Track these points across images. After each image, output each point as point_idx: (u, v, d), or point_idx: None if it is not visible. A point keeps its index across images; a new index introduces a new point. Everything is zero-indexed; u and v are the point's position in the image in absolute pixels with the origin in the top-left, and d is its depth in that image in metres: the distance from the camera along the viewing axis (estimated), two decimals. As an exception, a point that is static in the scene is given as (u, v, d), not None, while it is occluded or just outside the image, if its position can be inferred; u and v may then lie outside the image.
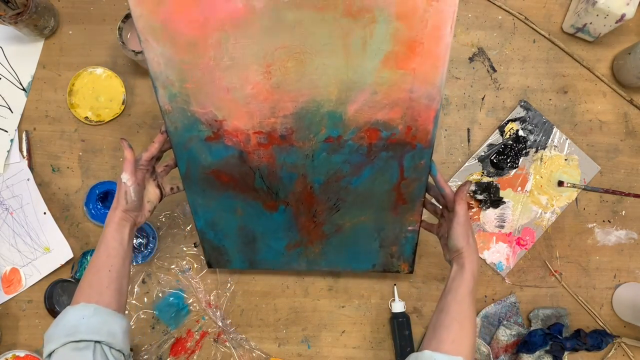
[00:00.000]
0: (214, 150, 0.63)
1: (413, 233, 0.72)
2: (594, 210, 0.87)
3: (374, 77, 0.54)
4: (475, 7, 0.89)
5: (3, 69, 0.86)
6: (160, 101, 0.59)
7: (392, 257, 0.76)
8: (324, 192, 0.67)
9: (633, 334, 0.86)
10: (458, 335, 0.57)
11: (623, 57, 0.86)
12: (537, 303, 0.86)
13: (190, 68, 0.56)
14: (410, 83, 0.54)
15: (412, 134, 0.59)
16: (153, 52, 0.55)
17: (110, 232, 0.62)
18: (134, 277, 0.84)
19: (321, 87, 0.56)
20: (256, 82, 0.56)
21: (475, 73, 0.88)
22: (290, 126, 0.60)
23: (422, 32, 0.51)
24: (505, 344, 0.83)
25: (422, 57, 0.52)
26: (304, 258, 0.76)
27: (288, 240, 0.74)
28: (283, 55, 0.54)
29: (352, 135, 0.60)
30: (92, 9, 0.87)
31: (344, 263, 0.77)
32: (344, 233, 0.72)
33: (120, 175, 0.62)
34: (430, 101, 0.56)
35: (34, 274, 0.84)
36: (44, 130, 0.86)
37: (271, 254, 0.76)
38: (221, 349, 0.84)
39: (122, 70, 0.86)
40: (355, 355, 0.85)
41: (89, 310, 0.56)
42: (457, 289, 0.60)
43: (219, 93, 0.57)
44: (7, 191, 0.84)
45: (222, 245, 0.76)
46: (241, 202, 0.69)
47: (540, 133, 0.87)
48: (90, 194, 0.84)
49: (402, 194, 0.66)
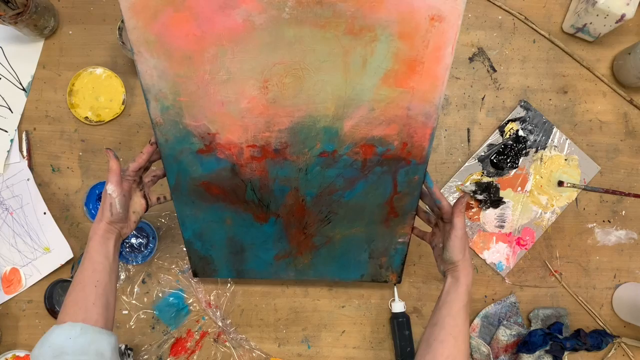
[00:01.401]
0: (206, 162, 0.62)
1: (403, 245, 0.72)
2: (594, 210, 0.87)
3: (373, 94, 0.54)
4: (475, 7, 0.89)
5: (3, 69, 0.86)
6: (151, 113, 0.57)
7: (380, 267, 0.76)
8: (315, 205, 0.66)
9: (633, 334, 0.86)
10: (453, 350, 0.57)
11: (623, 57, 0.86)
12: (537, 303, 0.86)
13: (184, 82, 0.54)
14: (408, 101, 0.54)
15: (407, 150, 0.59)
16: (146, 64, 0.54)
17: (94, 245, 0.60)
18: (134, 277, 0.84)
19: (318, 104, 0.55)
20: (252, 97, 0.55)
21: (475, 73, 0.88)
22: (284, 140, 0.59)
23: (423, 51, 0.51)
24: (505, 344, 0.83)
25: (421, 76, 0.52)
26: (293, 268, 0.76)
27: (277, 251, 0.73)
28: (281, 70, 0.53)
29: (347, 151, 0.59)
30: (92, 9, 0.87)
31: (332, 273, 0.77)
32: (334, 244, 0.72)
33: (106, 187, 0.61)
34: (427, 119, 0.56)
35: (34, 274, 0.84)
36: (44, 130, 0.86)
37: (259, 264, 0.75)
38: (221, 349, 0.84)
39: (122, 70, 0.86)
40: (355, 355, 0.85)
41: (76, 330, 0.55)
42: (451, 303, 0.59)
43: (213, 107, 0.56)
44: (7, 191, 0.84)
45: (208, 255, 0.75)
46: (231, 213, 0.68)
47: (540, 133, 0.87)
48: (90, 194, 0.84)
49: (394, 207, 0.66)
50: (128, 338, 0.83)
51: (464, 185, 0.86)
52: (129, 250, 0.82)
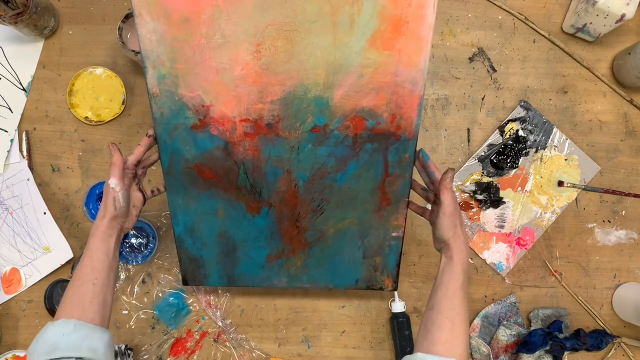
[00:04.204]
0: (199, 140, 0.63)
1: (397, 241, 0.71)
2: (594, 210, 0.87)
3: (361, 57, 0.56)
4: (475, 7, 0.89)
5: (3, 69, 0.86)
6: (149, 83, 0.59)
7: (375, 270, 0.74)
8: (308, 191, 0.66)
9: (633, 334, 0.86)
10: (450, 334, 0.55)
11: (623, 57, 0.86)
12: (537, 303, 0.86)
13: (181, 47, 0.57)
14: (395, 65, 0.57)
15: (396, 123, 0.61)
16: (146, 27, 0.56)
17: (95, 242, 0.60)
18: (134, 277, 0.84)
19: (309, 70, 0.58)
20: (246, 63, 0.57)
21: (475, 73, 0.88)
22: (277, 113, 0.61)
23: (406, 10, 0.54)
24: (505, 344, 0.83)
25: (406, 37, 0.55)
26: (285, 272, 0.74)
27: (270, 250, 0.72)
28: (273, 32, 0.55)
29: (338, 125, 0.61)
30: (92, 9, 0.87)
31: (326, 279, 0.75)
32: (327, 241, 0.71)
33: (108, 181, 0.61)
34: (414, 86, 0.58)
35: (34, 274, 0.84)
36: (44, 130, 0.86)
37: (251, 266, 0.74)
38: (221, 349, 0.84)
39: (122, 70, 0.86)
40: (355, 355, 0.85)
41: (69, 327, 0.55)
42: (447, 284, 0.58)
43: (208, 75, 0.58)
44: (7, 191, 0.84)
45: (200, 255, 0.73)
46: (223, 202, 0.68)
47: (540, 133, 0.87)
48: (90, 194, 0.84)
49: (386, 192, 0.66)
50: (128, 338, 0.84)
51: (464, 185, 0.86)
52: (129, 250, 0.82)
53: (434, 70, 0.88)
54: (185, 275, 0.76)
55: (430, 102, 0.88)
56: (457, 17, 0.89)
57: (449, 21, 0.89)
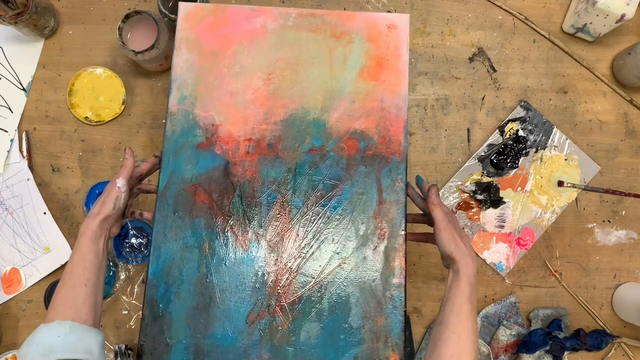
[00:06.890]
0: (202, 159, 0.65)
1: (399, 291, 0.63)
2: (594, 210, 0.87)
3: (352, 86, 0.68)
4: (475, 7, 0.89)
5: (3, 69, 0.86)
6: (170, 102, 0.66)
7: (377, 339, 0.62)
8: (302, 219, 0.64)
9: (633, 334, 0.86)
10: (456, 349, 0.56)
11: (623, 57, 0.86)
12: (537, 303, 0.86)
13: (206, 73, 0.67)
14: (381, 93, 0.68)
15: (386, 144, 0.66)
16: (181, 57, 0.67)
17: (86, 242, 0.60)
18: (134, 277, 0.84)
19: (309, 95, 0.68)
20: (257, 88, 0.68)
21: (475, 73, 0.88)
22: (278, 134, 0.66)
23: (386, 50, 0.68)
24: (505, 344, 0.83)
25: (388, 71, 0.68)
26: (267, 342, 0.63)
27: (252, 305, 0.63)
28: (282, 65, 0.68)
29: (334, 146, 0.66)
30: (92, 9, 0.87)
31: (318, 355, 0.62)
32: (321, 291, 0.64)
33: (115, 180, 0.62)
34: (399, 111, 0.67)
35: (34, 274, 0.84)
36: (44, 130, 0.86)
37: (227, 330, 0.63)
38: (221, 349, 0.84)
39: (122, 70, 0.86)
40: (355, 355, 0.85)
41: (65, 329, 0.55)
42: (454, 299, 0.59)
43: (224, 97, 0.67)
44: (7, 191, 0.84)
45: (168, 312, 0.62)
46: (211, 233, 0.64)
47: (540, 133, 0.87)
48: (90, 194, 0.84)
49: (382, 222, 0.64)
50: (128, 338, 0.83)
51: (464, 185, 0.86)
52: (129, 250, 0.82)
53: (434, 70, 0.88)
54: (144, 345, 0.62)
55: (430, 102, 0.88)
56: (457, 17, 0.89)
57: (449, 21, 0.89)
